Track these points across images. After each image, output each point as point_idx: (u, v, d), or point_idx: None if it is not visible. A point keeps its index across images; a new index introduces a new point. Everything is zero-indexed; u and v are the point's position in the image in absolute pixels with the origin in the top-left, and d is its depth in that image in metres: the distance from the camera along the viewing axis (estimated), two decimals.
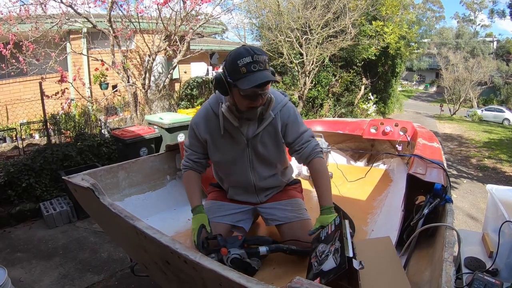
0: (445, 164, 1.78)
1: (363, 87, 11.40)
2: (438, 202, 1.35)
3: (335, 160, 2.96)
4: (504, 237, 1.50)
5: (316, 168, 1.52)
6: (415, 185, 1.47)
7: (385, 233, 1.75)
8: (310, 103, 9.63)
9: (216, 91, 1.43)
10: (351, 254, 1.07)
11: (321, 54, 8.04)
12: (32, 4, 5.05)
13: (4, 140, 5.61)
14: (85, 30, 6.61)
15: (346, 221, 1.26)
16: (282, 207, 1.64)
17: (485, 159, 7.17)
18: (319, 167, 1.52)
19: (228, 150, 1.53)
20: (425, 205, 1.36)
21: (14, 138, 5.49)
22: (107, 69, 6.19)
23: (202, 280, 0.94)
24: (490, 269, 1.50)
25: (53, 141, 4.53)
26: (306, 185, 2.63)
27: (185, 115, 4.82)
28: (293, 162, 1.85)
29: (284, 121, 1.51)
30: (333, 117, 9.50)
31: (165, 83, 6.12)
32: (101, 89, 7.24)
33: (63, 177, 1.65)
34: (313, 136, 1.57)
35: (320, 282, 1.10)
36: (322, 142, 2.72)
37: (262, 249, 1.39)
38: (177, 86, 8.71)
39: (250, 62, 1.24)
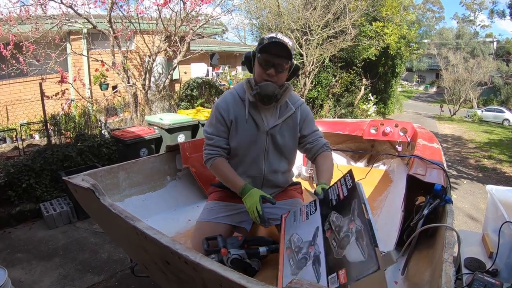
0: (445, 165, 1.78)
1: (363, 87, 11.40)
2: (438, 203, 1.35)
3: (335, 161, 2.94)
4: (504, 237, 1.50)
5: (326, 159, 1.61)
6: (415, 185, 1.47)
7: (385, 234, 1.75)
8: (310, 104, 9.63)
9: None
10: (378, 241, 0.90)
11: (321, 54, 8.04)
12: (32, 4, 5.05)
13: (4, 140, 5.61)
14: (85, 30, 6.61)
15: (361, 185, 1.12)
16: (282, 207, 1.64)
17: (485, 160, 7.17)
18: (328, 158, 1.63)
19: (248, 136, 1.56)
20: (425, 206, 1.36)
21: (14, 139, 5.49)
22: (107, 69, 6.19)
23: (203, 281, 0.94)
24: (490, 269, 1.50)
25: (53, 141, 4.53)
26: (306, 186, 2.63)
27: (185, 116, 4.82)
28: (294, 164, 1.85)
29: (303, 116, 1.64)
30: (333, 117, 9.50)
31: (165, 84, 6.12)
32: (101, 89, 7.24)
33: (63, 178, 1.66)
34: (323, 135, 1.71)
35: (346, 278, 0.94)
36: None
37: (262, 250, 1.39)
38: (177, 86, 8.72)
39: (273, 37, 1.43)
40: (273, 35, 1.43)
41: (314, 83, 9.15)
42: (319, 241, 1.16)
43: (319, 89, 9.68)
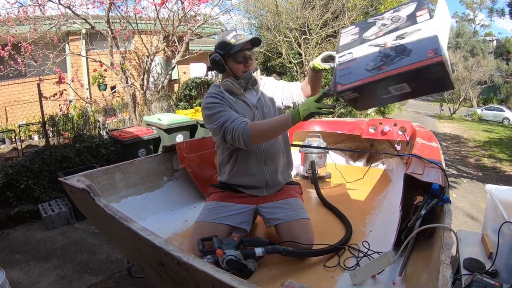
0: (443, 164, 1.76)
1: None
2: (436, 203, 1.34)
3: (334, 160, 2.95)
4: (504, 238, 1.48)
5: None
6: (413, 185, 1.46)
7: (383, 234, 1.74)
8: None
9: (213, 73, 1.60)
10: None
11: (320, 54, 8.03)
12: (30, 5, 5.05)
13: (3, 141, 5.61)
14: (83, 31, 6.60)
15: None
16: (282, 206, 1.65)
17: (485, 159, 7.16)
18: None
19: (243, 113, 1.60)
20: (422, 206, 1.35)
21: (13, 140, 5.49)
22: (105, 70, 6.18)
23: (196, 283, 0.93)
24: (490, 270, 1.49)
25: (51, 142, 4.53)
26: (303, 185, 2.62)
27: (183, 116, 4.81)
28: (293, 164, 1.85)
29: (272, 85, 1.79)
30: (332, 117, 9.49)
31: (163, 84, 6.11)
32: (100, 90, 7.23)
33: (59, 179, 1.65)
34: None
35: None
36: (321, 142, 2.71)
37: (258, 251, 1.38)
38: (176, 86, 8.71)
39: (235, 35, 1.58)
40: (234, 33, 1.60)
41: None
42: (382, 40, 1.24)
43: None
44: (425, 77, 1.16)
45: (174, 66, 6.04)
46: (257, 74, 1.71)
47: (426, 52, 1.11)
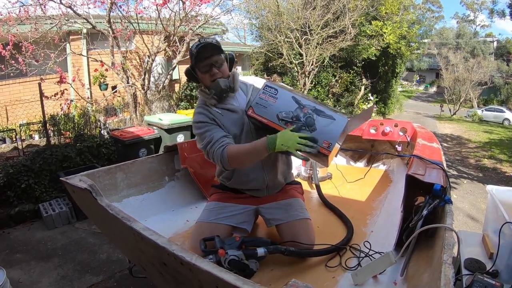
0: (444, 165, 1.77)
1: (363, 87, 11.38)
2: (437, 203, 1.34)
3: (335, 161, 2.95)
4: (505, 238, 1.48)
5: None
6: (414, 185, 1.46)
7: (385, 234, 1.74)
8: None
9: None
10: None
11: (320, 54, 8.03)
12: (31, 5, 5.05)
13: (4, 141, 5.61)
14: (84, 31, 6.60)
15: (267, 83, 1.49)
16: (283, 207, 1.65)
17: (485, 159, 7.15)
18: None
19: (232, 124, 1.57)
20: (424, 206, 1.35)
21: (14, 139, 5.49)
22: (106, 70, 6.18)
23: (199, 282, 0.93)
24: (490, 270, 1.49)
25: (52, 142, 4.52)
26: (304, 186, 2.62)
27: (184, 116, 4.81)
28: (293, 164, 1.85)
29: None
30: None
31: (164, 84, 6.11)
32: (101, 90, 7.23)
33: (60, 178, 1.65)
34: None
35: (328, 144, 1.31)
36: None
37: (260, 251, 1.38)
38: (177, 86, 8.71)
39: (198, 44, 1.50)
40: (196, 43, 1.51)
41: (314, 83, 9.14)
42: (305, 102, 1.41)
43: (319, 89, 9.68)
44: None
45: (175, 66, 6.05)
46: (234, 79, 1.59)
47: (323, 140, 1.33)
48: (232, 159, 1.43)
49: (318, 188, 2.40)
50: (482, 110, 19.72)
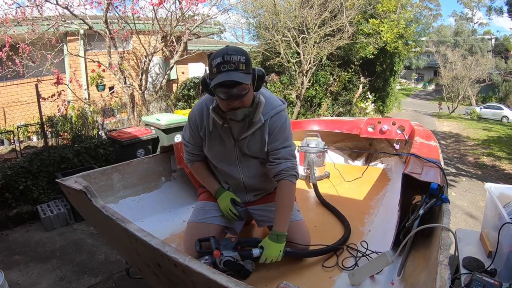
0: (442, 163, 1.76)
1: (361, 86, 11.36)
2: (434, 202, 1.34)
3: (332, 160, 2.95)
4: (503, 236, 1.48)
5: (281, 191, 1.46)
6: (411, 184, 1.45)
7: (382, 234, 1.74)
8: (308, 103, 9.61)
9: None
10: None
11: (318, 53, 8.01)
12: (28, 6, 5.02)
13: (1, 142, 5.59)
14: (81, 31, 6.58)
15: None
16: (272, 209, 1.58)
17: (484, 157, 7.16)
18: (284, 191, 1.45)
19: (217, 146, 1.52)
20: (420, 205, 1.34)
21: (12, 141, 5.47)
22: (104, 70, 6.16)
23: (193, 284, 0.93)
24: (489, 269, 1.48)
25: (50, 143, 4.51)
26: (302, 185, 2.62)
27: (182, 116, 4.80)
28: None
29: (272, 129, 1.44)
30: (331, 116, 9.49)
31: (162, 84, 6.09)
32: (98, 90, 7.21)
33: (56, 180, 1.64)
34: (293, 156, 1.50)
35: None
36: (319, 142, 2.71)
37: (256, 251, 1.38)
38: (174, 87, 8.69)
39: (220, 63, 1.23)
40: (219, 60, 1.23)
41: (311, 81, 9.12)
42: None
43: (316, 87, 9.66)
44: None
45: (173, 66, 6.02)
46: (255, 111, 1.38)
47: None
48: (194, 173, 1.69)
49: (315, 188, 2.39)
50: (481, 108, 19.74)
